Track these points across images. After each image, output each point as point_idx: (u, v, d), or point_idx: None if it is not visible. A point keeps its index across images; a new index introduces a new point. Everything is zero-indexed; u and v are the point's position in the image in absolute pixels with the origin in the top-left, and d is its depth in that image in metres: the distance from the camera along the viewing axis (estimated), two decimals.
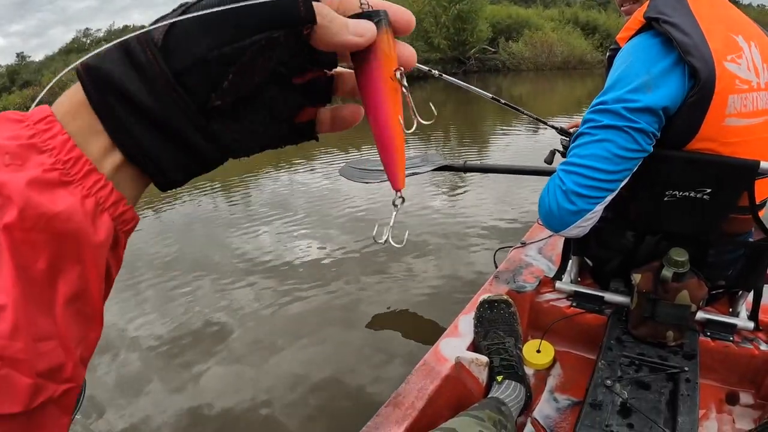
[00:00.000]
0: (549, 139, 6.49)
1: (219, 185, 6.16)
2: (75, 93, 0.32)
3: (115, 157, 0.33)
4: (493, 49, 17.54)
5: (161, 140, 0.33)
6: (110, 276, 0.34)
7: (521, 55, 17.17)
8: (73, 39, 30.61)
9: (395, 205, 0.41)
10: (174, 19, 0.31)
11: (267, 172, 6.48)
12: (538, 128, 7.62)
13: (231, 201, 5.57)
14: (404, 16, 0.37)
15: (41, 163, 0.30)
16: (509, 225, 4.06)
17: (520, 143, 7.27)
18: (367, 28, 0.34)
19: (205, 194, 5.87)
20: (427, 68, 1.92)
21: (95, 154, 0.32)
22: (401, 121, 0.37)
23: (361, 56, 0.35)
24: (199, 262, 3.92)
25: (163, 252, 4.24)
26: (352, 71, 0.39)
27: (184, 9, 0.32)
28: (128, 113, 0.32)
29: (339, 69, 0.41)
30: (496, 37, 17.80)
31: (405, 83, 0.36)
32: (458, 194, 4.94)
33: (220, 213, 5.19)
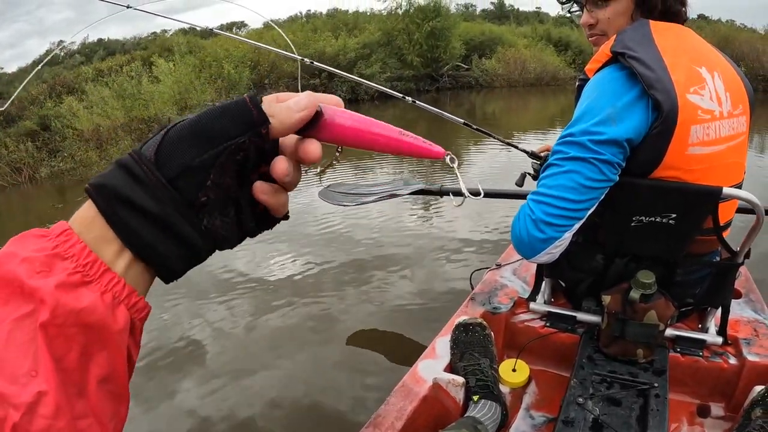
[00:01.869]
0: (521, 157, 6.56)
1: None
2: (88, 209, 0.40)
3: (126, 257, 0.40)
4: (466, 66, 17.72)
5: (162, 236, 0.41)
6: (131, 358, 0.41)
7: (494, 71, 17.36)
8: (47, 51, 30.41)
9: (452, 165, 0.50)
10: (160, 137, 0.41)
11: None
12: (510, 147, 7.72)
13: None
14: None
15: (65, 269, 0.37)
16: (483, 242, 4.15)
17: (492, 162, 7.39)
18: (306, 100, 0.44)
19: None
20: (401, 95, 2.00)
21: (109, 257, 0.39)
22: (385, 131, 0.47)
23: (319, 120, 0.46)
24: (180, 284, 3.93)
25: None
26: (282, 159, 0.47)
27: (166, 131, 0.42)
28: (134, 216, 0.40)
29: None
30: (469, 54, 17.98)
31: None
32: (434, 213, 5.03)
33: None
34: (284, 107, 0.44)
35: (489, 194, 2.29)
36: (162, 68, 12.80)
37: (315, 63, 2.14)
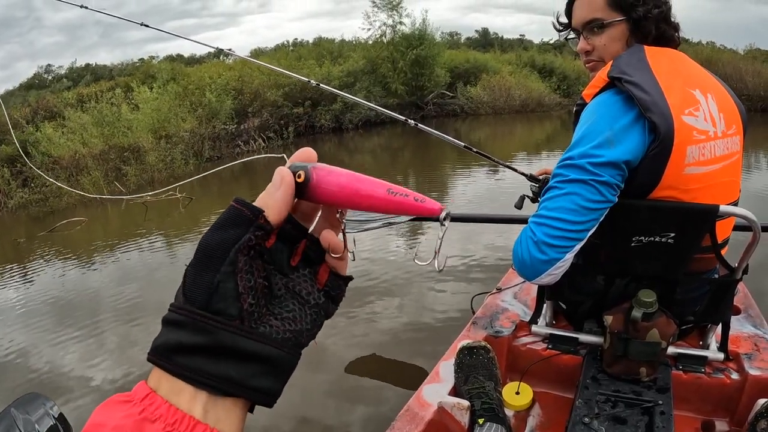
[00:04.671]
0: (510, 180, 6.74)
1: (174, 234, 6.21)
2: (157, 370, 0.42)
3: (201, 398, 0.41)
4: (451, 94, 17.89)
5: (229, 363, 0.41)
6: None
7: (479, 99, 17.50)
8: (35, 74, 30.59)
9: (442, 225, 0.49)
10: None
11: None
12: (498, 170, 7.92)
13: (191, 249, 5.61)
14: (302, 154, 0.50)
15: (155, 431, 0.38)
16: (474, 264, 4.24)
17: (481, 186, 7.50)
18: (278, 176, 0.46)
19: (164, 242, 5.93)
20: (404, 118, 2.07)
21: (185, 405, 0.40)
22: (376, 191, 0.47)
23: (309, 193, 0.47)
24: (162, 307, 3.92)
25: (125, 295, 4.29)
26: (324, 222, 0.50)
27: (185, 272, 0.43)
28: (191, 358, 0.41)
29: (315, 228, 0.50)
30: (454, 81, 18.14)
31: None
32: (422, 237, 5.08)
33: (181, 259, 5.23)
34: (265, 193, 0.46)
35: (480, 219, 2.36)
36: (143, 95, 12.81)
37: (327, 87, 2.23)
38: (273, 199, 0.45)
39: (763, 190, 6.36)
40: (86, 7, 2.50)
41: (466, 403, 1.61)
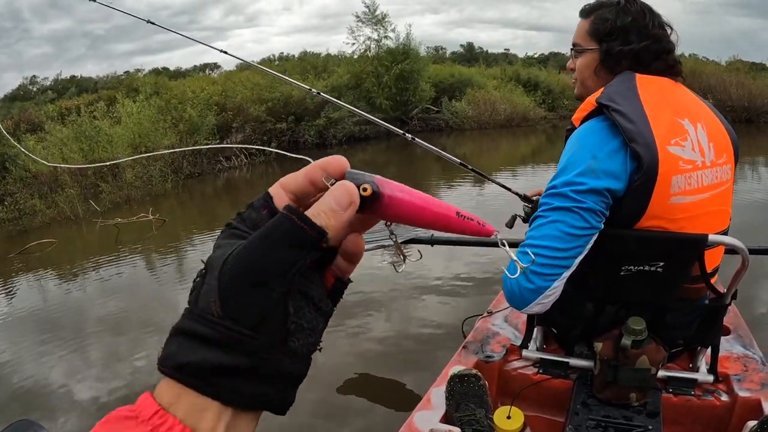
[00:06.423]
0: (494, 194, 6.79)
1: (156, 249, 6.20)
2: (171, 385, 0.38)
3: (226, 416, 0.38)
4: (436, 109, 17.92)
5: (267, 383, 0.39)
6: None
7: (464, 113, 17.52)
8: (20, 86, 30.42)
9: (501, 246, 0.49)
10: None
11: (207, 235, 6.57)
12: (484, 187, 7.98)
13: (175, 264, 5.68)
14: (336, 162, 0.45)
15: None
16: (458, 281, 4.28)
17: (469, 203, 7.54)
18: (346, 193, 0.41)
19: (145, 257, 5.94)
20: (401, 132, 2.10)
21: (208, 427, 0.37)
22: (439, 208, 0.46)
23: (378, 199, 0.44)
24: (147, 321, 3.99)
25: (110, 311, 4.29)
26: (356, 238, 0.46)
27: (219, 275, 0.39)
28: (230, 379, 0.38)
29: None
30: (439, 96, 18.14)
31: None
32: (413, 256, 5.10)
33: (165, 275, 5.29)
34: (329, 211, 0.41)
35: (467, 242, 2.38)
36: (127, 109, 12.66)
37: (328, 96, 2.28)
38: (338, 222, 0.41)
39: (749, 199, 6.50)
40: (95, 0, 2.52)
41: (457, 430, 1.62)
